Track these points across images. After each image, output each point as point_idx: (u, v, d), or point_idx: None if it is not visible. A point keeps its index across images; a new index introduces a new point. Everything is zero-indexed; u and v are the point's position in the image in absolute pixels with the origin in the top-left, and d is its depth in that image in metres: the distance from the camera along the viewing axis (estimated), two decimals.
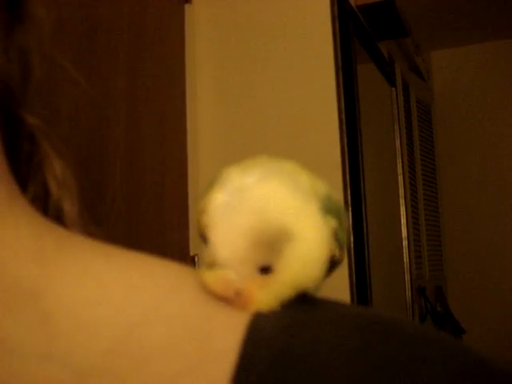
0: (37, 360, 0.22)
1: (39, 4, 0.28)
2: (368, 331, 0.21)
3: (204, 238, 0.24)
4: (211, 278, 0.23)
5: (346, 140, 1.16)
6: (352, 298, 1.13)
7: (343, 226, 0.35)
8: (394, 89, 1.78)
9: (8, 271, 0.23)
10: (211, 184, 0.25)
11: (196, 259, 1.16)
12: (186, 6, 1.25)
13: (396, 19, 1.58)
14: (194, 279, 0.25)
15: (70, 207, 0.29)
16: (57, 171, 0.28)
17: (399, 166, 1.76)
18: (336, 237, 0.33)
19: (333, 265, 0.37)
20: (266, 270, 0.23)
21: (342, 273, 1.10)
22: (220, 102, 1.25)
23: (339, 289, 1.10)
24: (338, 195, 1.11)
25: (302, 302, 0.23)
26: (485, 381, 0.19)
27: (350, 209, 1.16)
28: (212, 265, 0.23)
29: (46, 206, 0.28)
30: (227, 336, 0.21)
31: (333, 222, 0.33)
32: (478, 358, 0.20)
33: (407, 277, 1.70)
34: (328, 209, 0.32)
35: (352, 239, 1.14)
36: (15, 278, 0.23)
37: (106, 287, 0.23)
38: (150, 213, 1.05)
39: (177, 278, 0.24)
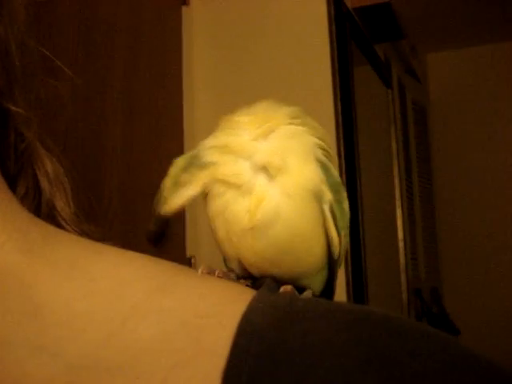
0: (28, 351, 0.21)
1: None
2: (359, 325, 0.21)
3: None
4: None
5: (342, 141, 1.17)
6: (348, 300, 1.13)
7: (341, 206, 0.34)
8: (390, 91, 1.79)
9: None
10: None
11: (193, 260, 1.16)
12: (183, 8, 1.25)
13: (392, 21, 1.58)
14: (187, 275, 0.25)
15: (63, 205, 0.29)
16: (48, 168, 0.28)
17: (395, 167, 1.76)
18: (332, 212, 0.33)
19: (331, 259, 0.36)
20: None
21: (339, 274, 1.10)
22: (217, 103, 1.25)
23: (336, 290, 1.10)
24: None
25: (295, 297, 0.23)
26: (474, 374, 0.20)
27: None
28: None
29: (38, 204, 0.28)
30: (220, 329, 0.22)
31: (329, 195, 0.33)
32: (468, 353, 0.21)
33: (403, 278, 1.71)
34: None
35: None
36: (2, 268, 0.22)
37: (95, 281, 0.23)
38: (146, 213, 1.05)
39: (169, 274, 0.24)
